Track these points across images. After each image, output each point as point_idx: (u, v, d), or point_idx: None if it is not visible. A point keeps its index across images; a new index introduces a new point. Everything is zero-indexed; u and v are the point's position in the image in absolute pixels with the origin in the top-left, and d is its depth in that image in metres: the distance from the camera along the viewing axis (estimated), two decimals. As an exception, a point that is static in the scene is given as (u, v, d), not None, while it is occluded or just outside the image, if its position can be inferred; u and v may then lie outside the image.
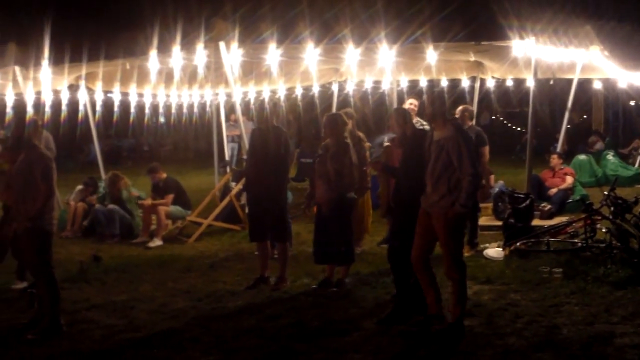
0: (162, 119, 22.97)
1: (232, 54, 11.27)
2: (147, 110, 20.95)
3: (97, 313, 7.92)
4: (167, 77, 13.95)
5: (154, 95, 18.83)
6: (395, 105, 14.06)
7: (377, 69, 14.13)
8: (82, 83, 15.17)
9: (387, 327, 6.90)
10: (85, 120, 16.86)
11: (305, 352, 6.34)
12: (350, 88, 18.36)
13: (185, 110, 21.31)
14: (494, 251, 9.97)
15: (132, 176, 14.16)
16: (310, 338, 6.72)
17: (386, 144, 9.74)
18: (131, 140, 31.99)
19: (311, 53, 11.64)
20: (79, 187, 13.80)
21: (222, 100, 18.03)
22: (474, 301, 7.68)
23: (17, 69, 12.92)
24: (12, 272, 9.30)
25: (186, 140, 30.38)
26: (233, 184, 13.34)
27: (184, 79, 14.64)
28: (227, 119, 19.62)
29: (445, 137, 6.68)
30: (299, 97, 20.65)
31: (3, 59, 12.79)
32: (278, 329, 7.05)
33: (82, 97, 16.10)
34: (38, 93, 14.35)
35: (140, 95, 18.35)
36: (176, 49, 11.25)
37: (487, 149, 10.45)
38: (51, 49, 12.26)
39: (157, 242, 11.88)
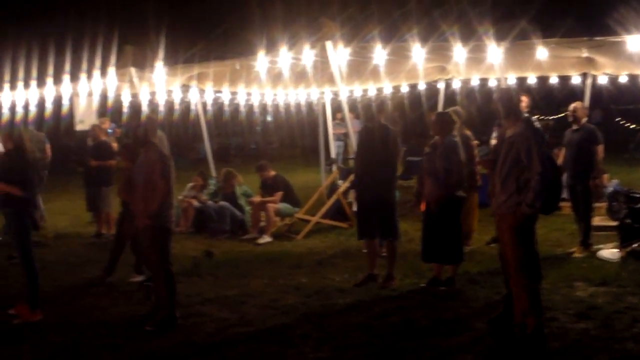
0: (269, 118, 23.31)
1: (339, 53, 11.35)
2: (255, 109, 21.32)
3: (210, 307, 8.14)
4: (274, 76, 14.14)
5: (262, 94, 19.15)
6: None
7: (484, 66, 13.92)
8: (194, 83, 15.58)
9: (498, 328, 6.80)
10: (196, 119, 17.31)
11: (414, 351, 6.33)
12: (456, 86, 18.14)
13: (292, 108, 21.58)
14: (609, 252, 9.67)
15: (241, 173, 14.44)
16: (419, 337, 6.71)
17: (495, 141, 9.60)
18: (239, 139, 32.64)
19: (418, 52, 11.59)
20: (190, 184, 14.19)
21: (328, 98, 18.17)
22: (588, 303, 7.51)
23: (132, 70, 13.38)
24: (130, 265, 9.68)
25: (293, 138, 30.75)
26: (340, 181, 13.43)
27: (291, 78, 14.81)
28: (334, 118, 19.76)
29: (515, 133, 6.50)
30: (405, 95, 20.56)
31: (120, 60, 13.29)
32: (387, 326, 7.08)
33: (194, 96, 16.56)
34: (152, 93, 14.82)
35: (248, 94, 18.69)
36: (284, 49, 11.43)
37: (601, 147, 10.15)
38: (165, 50, 12.67)
39: (266, 238, 12.10)
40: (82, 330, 7.48)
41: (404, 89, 19.72)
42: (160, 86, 14.33)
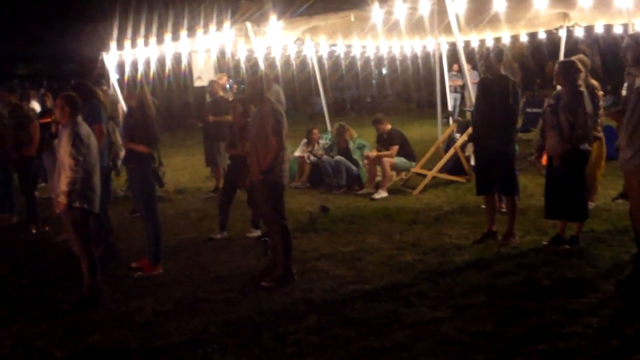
0: (384, 70, 23.01)
1: (457, 2, 10.99)
2: (370, 62, 21.10)
3: (326, 263, 8.13)
4: (389, 27, 13.87)
5: (377, 47, 18.90)
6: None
7: (611, 11, 13.18)
8: (308, 36, 15.50)
9: (628, 289, 6.45)
10: (312, 73, 17.29)
11: (538, 312, 6.08)
12: (579, 33, 17.32)
13: (407, 60, 21.23)
14: None
15: (356, 127, 14.34)
16: (542, 297, 6.45)
17: (625, 92, 9.05)
18: (354, 92, 32.47)
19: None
20: (305, 139, 14.19)
21: (444, 49, 17.75)
22: None
23: (248, 24, 13.39)
24: (247, 220, 9.78)
25: (408, 91, 30.32)
26: (457, 135, 13.11)
27: (407, 29, 14.51)
28: (450, 69, 19.31)
29: None
30: (525, 44, 19.87)
31: (236, 15, 13.33)
32: (508, 286, 6.84)
33: (309, 50, 16.51)
34: (268, 47, 14.84)
35: (363, 47, 18.49)
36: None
37: None
38: (280, 4, 12.61)
39: (382, 193, 11.97)
40: (201, 284, 7.64)
41: (523, 38, 19.04)
42: (276, 40, 14.31)
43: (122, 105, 12.81)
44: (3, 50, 31.93)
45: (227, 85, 16.32)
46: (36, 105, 14.89)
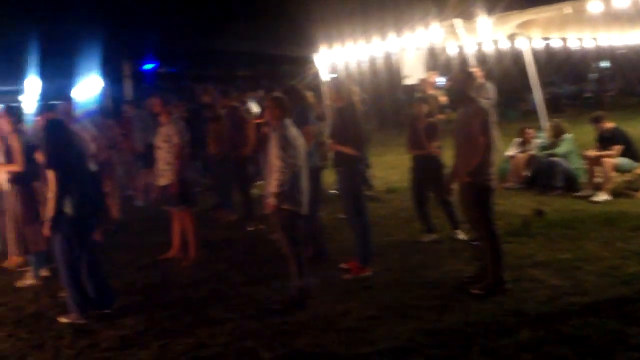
0: (606, 64, 21.71)
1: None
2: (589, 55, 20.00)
3: (541, 271, 7.67)
4: (610, 18, 12.99)
5: (595, 39, 17.81)
6: None
7: None
8: (520, 31, 14.91)
9: None
10: (525, 68, 16.64)
11: None
12: None
13: (630, 52, 19.89)
14: None
15: (574, 125, 13.53)
16: None
17: None
18: (572, 87, 30.93)
19: None
20: (518, 138, 13.63)
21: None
22: None
23: (457, 21, 13.08)
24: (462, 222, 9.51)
25: (632, 85, 28.40)
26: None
27: (629, 19, 13.53)
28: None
29: None
30: None
31: (445, 12, 13.08)
32: None
33: (522, 45, 15.88)
34: (479, 44, 14.42)
35: (579, 39, 17.51)
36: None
37: None
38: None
39: (603, 196, 11.19)
40: (408, 288, 7.48)
41: None
42: (486, 36, 13.86)
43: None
44: (226, 52, 33.61)
45: (438, 83, 16.04)
46: (254, 107, 15.43)
